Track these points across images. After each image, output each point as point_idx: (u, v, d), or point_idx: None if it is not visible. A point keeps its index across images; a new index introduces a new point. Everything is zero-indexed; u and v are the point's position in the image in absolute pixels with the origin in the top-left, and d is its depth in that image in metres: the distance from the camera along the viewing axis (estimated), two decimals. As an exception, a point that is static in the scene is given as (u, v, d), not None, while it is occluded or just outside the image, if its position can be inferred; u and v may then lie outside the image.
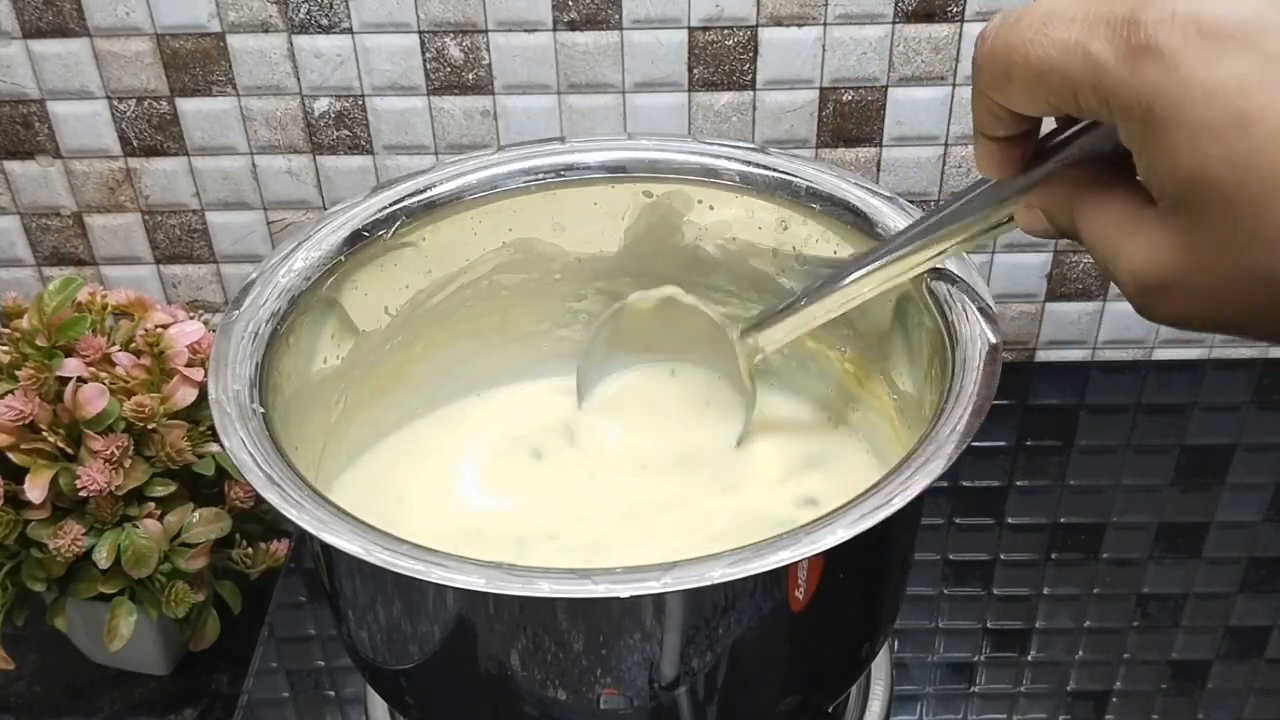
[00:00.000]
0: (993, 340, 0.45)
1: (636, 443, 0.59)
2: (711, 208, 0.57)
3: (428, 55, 0.71)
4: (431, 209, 0.55)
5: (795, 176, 0.55)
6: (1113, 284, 0.34)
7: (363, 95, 0.73)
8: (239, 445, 0.42)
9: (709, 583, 0.37)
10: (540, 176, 0.57)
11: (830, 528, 0.38)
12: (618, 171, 0.57)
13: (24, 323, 0.58)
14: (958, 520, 0.72)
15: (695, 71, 0.72)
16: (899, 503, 0.38)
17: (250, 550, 0.62)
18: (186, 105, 0.73)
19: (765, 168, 0.56)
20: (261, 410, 0.44)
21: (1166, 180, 0.29)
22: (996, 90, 0.33)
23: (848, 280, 0.49)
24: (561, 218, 0.58)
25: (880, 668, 0.59)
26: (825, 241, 0.55)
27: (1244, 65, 0.27)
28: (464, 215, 0.56)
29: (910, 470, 0.40)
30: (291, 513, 0.39)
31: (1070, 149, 0.36)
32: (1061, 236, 0.37)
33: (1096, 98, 0.30)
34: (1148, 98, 0.28)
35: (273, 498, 0.40)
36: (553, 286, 0.60)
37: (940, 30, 0.71)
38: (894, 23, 0.70)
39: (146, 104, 0.73)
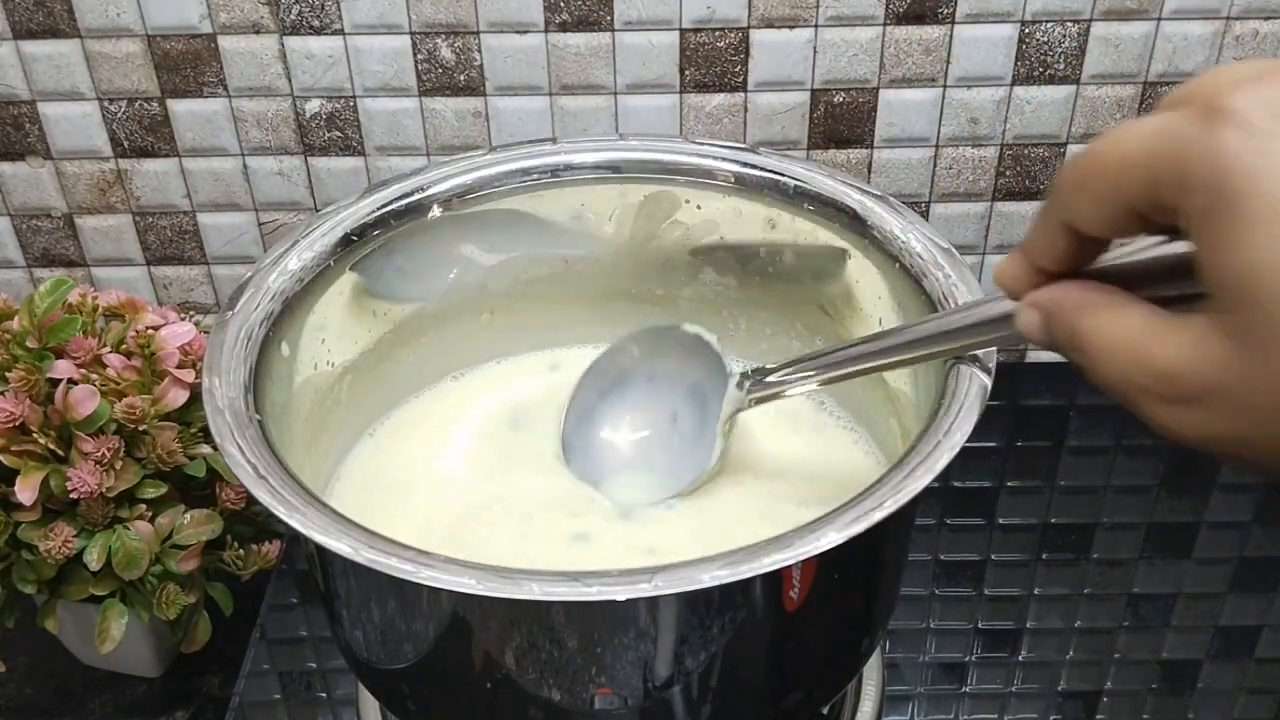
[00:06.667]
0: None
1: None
2: (699, 207, 0.57)
3: (419, 56, 0.71)
4: (423, 210, 0.55)
5: (785, 176, 0.55)
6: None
7: (354, 96, 0.73)
8: (236, 451, 0.42)
9: (700, 586, 0.37)
10: (532, 178, 0.57)
11: (823, 530, 0.38)
12: (609, 172, 0.57)
13: (14, 324, 0.58)
14: (948, 521, 0.72)
15: (687, 73, 0.72)
16: (892, 505, 0.38)
17: (242, 552, 0.62)
18: (177, 106, 0.73)
19: (756, 167, 0.56)
20: (259, 418, 0.44)
21: (1226, 267, 0.26)
22: (1068, 204, 0.30)
23: (858, 366, 0.47)
24: (553, 218, 0.58)
25: (872, 668, 0.59)
26: (815, 239, 0.55)
27: None
28: (455, 216, 0.56)
29: (905, 472, 0.40)
30: (286, 514, 0.39)
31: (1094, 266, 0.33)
32: (1049, 348, 0.33)
33: (1174, 177, 0.27)
34: (1221, 165, 0.26)
35: (277, 508, 0.40)
36: (544, 285, 0.60)
37: (931, 32, 0.71)
38: (885, 24, 0.71)
39: (137, 105, 0.73)
